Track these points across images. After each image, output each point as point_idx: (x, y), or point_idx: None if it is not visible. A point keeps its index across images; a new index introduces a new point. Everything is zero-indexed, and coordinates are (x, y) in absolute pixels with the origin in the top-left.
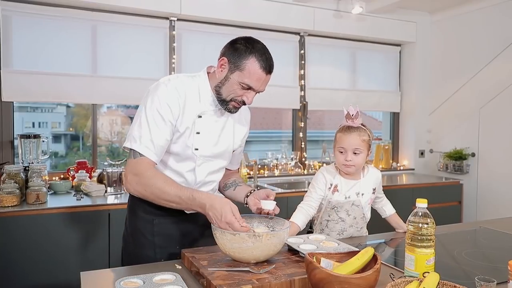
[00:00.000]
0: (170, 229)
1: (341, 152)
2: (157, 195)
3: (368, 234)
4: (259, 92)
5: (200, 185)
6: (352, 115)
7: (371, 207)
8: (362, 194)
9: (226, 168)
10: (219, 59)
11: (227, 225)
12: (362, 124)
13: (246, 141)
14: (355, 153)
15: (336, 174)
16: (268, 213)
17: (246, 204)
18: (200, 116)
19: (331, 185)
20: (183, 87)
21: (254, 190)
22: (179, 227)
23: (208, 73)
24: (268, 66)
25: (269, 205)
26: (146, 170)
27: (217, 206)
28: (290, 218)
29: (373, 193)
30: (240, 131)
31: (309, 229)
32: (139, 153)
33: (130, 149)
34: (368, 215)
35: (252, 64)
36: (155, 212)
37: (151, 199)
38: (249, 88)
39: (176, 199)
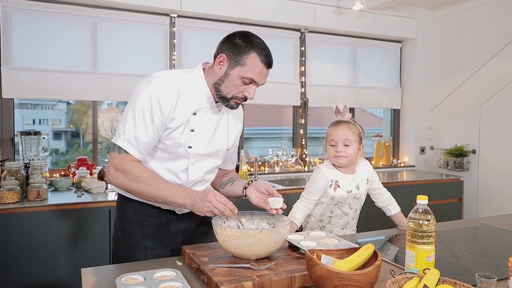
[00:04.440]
0: (161, 230)
1: (332, 146)
2: (144, 190)
3: (368, 231)
4: (259, 85)
5: (193, 184)
6: (341, 110)
7: (376, 206)
8: (361, 186)
9: (221, 169)
10: (216, 56)
11: (210, 204)
12: (352, 119)
13: (247, 138)
14: (346, 145)
15: (335, 170)
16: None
17: (245, 196)
18: (195, 113)
19: (331, 181)
20: (177, 83)
21: (252, 181)
22: (169, 228)
23: (203, 69)
24: (268, 61)
25: (277, 204)
26: (133, 167)
27: (201, 192)
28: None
29: (367, 183)
30: (234, 129)
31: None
32: (124, 149)
33: (113, 143)
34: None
35: (253, 59)
36: (145, 213)
37: (135, 193)
38: (251, 82)
39: (164, 192)
